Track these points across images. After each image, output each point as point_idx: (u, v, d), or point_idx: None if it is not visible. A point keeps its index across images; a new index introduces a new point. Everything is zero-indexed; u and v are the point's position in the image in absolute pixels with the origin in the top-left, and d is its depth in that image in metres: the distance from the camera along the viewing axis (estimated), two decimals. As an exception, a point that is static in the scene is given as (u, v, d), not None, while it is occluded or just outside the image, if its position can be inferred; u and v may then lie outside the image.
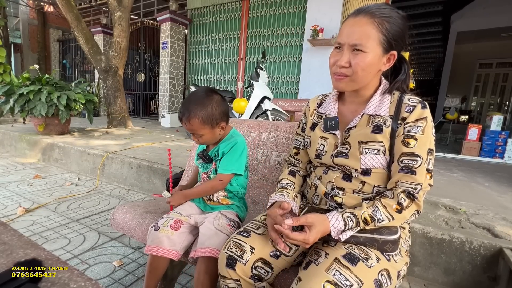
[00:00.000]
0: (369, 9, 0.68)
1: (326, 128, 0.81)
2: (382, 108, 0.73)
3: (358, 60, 0.67)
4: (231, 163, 0.96)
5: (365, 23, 0.67)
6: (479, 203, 1.69)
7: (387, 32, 0.67)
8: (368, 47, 0.66)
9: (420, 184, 0.68)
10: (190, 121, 0.91)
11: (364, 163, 0.72)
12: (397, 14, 0.68)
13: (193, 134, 0.95)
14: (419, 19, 6.62)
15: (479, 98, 8.99)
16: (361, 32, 0.67)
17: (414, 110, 0.70)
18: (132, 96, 7.50)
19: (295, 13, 4.80)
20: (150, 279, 0.90)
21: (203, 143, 0.99)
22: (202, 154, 1.02)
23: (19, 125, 4.40)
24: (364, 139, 0.73)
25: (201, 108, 0.91)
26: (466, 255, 1.26)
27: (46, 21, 8.83)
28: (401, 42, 0.70)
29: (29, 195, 2.15)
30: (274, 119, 3.28)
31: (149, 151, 2.83)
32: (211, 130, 0.94)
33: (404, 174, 0.69)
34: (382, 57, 0.69)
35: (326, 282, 0.60)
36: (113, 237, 1.58)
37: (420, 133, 0.68)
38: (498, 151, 3.95)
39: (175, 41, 5.76)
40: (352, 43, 0.67)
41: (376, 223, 0.68)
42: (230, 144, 0.97)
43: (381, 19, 0.66)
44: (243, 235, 0.77)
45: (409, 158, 0.68)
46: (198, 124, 0.91)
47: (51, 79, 3.44)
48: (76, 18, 3.99)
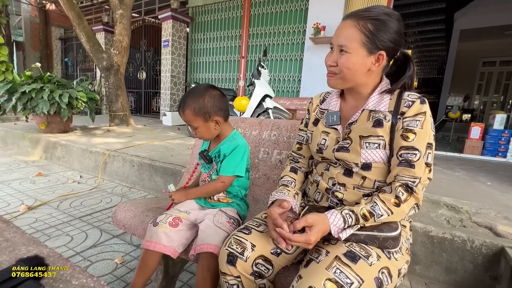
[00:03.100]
0: (357, 12, 0.73)
1: (328, 123, 0.83)
2: (382, 104, 0.75)
3: (343, 60, 0.73)
4: (232, 166, 0.96)
5: (349, 26, 0.72)
6: (481, 202, 1.68)
7: (370, 34, 0.70)
8: (352, 48, 0.71)
9: (419, 177, 0.68)
10: (184, 112, 0.94)
11: (364, 157, 0.73)
12: (386, 17, 0.70)
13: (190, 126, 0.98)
14: (422, 17, 6.57)
15: (482, 97, 8.93)
16: (346, 34, 0.72)
17: (413, 105, 0.71)
18: (134, 94, 7.50)
19: (297, 11, 4.78)
20: (140, 276, 0.89)
21: (200, 137, 0.99)
22: (202, 154, 1.03)
23: (21, 123, 4.42)
24: (365, 134, 0.74)
25: (194, 100, 0.93)
26: (468, 254, 1.25)
27: (48, 19, 8.84)
28: (390, 43, 0.71)
29: (32, 192, 2.16)
30: (276, 117, 3.27)
31: (151, 149, 2.84)
32: (204, 123, 0.95)
33: (403, 167, 0.69)
34: (367, 57, 0.72)
35: (327, 280, 0.60)
36: (115, 235, 1.58)
37: (419, 127, 0.70)
38: (500, 150, 3.93)
39: (177, 39, 5.75)
40: (338, 44, 0.73)
41: (375, 218, 0.68)
42: (232, 146, 0.98)
43: (364, 22, 0.70)
44: (244, 232, 0.78)
45: (408, 152, 0.70)
46: (191, 115, 0.93)
47: (53, 77, 3.45)
48: (77, 16, 3.99)
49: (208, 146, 1.07)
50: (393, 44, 0.72)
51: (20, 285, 0.38)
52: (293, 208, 0.81)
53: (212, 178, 1.01)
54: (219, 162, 1.00)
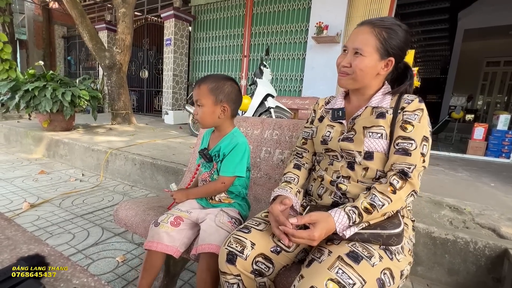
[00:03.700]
0: (372, 21, 0.80)
1: (334, 118, 0.89)
2: (384, 102, 0.83)
3: (357, 61, 0.79)
4: (232, 166, 0.95)
5: (366, 31, 0.79)
6: (484, 203, 1.67)
7: (384, 41, 0.78)
8: (366, 51, 0.78)
9: (414, 164, 0.73)
10: (200, 86, 0.95)
11: (367, 145, 0.78)
12: (397, 27, 0.79)
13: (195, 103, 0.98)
14: (425, 16, 6.52)
15: (485, 97, 8.86)
16: (362, 39, 0.79)
17: (412, 102, 0.79)
18: (136, 93, 7.52)
19: (299, 10, 4.76)
20: (145, 278, 0.89)
21: (200, 118, 0.97)
22: (202, 152, 1.02)
23: (24, 121, 4.44)
24: (368, 124, 0.81)
25: (216, 80, 0.96)
26: (471, 256, 1.24)
27: (51, 18, 8.87)
28: (399, 51, 0.80)
29: (34, 190, 2.17)
30: (278, 116, 3.27)
31: (153, 148, 2.84)
32: (212, 105, 0.95)
33: (400, 155, 0.74)
34: (379, 62, 0.79)
35: (329, 280, 0.60)
36: (116, 233, 1.59)
37: (417, 121, 0.76)
38: (504, 150, 3.89)
39: (179, 38, 5.75)
40: (354, 47, 0.80)
41: (378, 209, 0.70)
42: (231, 145, 0.96)
43: (380, 29, 0.78)
44: (244, 231, 0.78)
45: (404, 141, 0.75)
46: (206, 91, 0.94)
47: (56, 75, 3.46)
48: (80, 14, 4.00)
49: (208, 144, 1.06)
50: (401, 52, 0.80)
51: (21, 284, 0.38)
52: (294, 206, 0.83)
53: (213, 178, 1.00)
54: (219, 161, 0.99)
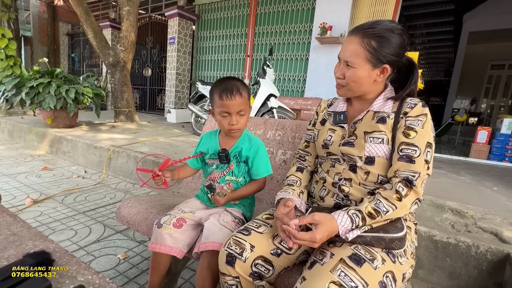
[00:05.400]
0: (362, 28, 0.76)
1: (335, 121, 0.88)
2: (386, 106, 0.81)
3: (349, 74, 0.78)
4: (265, 165, 1.00)
5: (355, 42, 0.76)
6: (486, 207, 1.66)
7: (374, 51, 0.74)
8: (357, 63, 0.76)
9: (418, 172, 0.71)
10: (241, 94, 0.90)
11: (368, 150, 0.77)
12: (389, 33, 0.74)
13: (235, 114, 0.91)
14: (430, 18, 6.49)
15: (489, 100, 8.81)
16: (351, 51, 0.76)
17: (415, 107, 0.76)
18: (139, 91, 7.54)
19: (303, 10, 4.75)
20: (154, 275, 0.91)
21: (240, 128, 0.94)
22: (223, 154, 0.97)
23: (28, 117, 4.47)
24: (369, 130, 0.79)
25: (244, 85, 0.94)
26: (472, 260, 1.24)
27: (55, 15, 8.92)
28: (392, 57, 0.76)
29: (37, 186, 2.19)
30: (280, 117, 3.27)
31: (155, 146, 2.85)
32: (248, 110, 0.96)
33: (404, 162, 0.72)
34: (372, 71, 0.77)
35: (331, 282, 0.60)
36: (118, 230, 1.60)
37: (420, 126, 0.74)
38: (508, 154, 3.87)
39: (183, 36, 5.76)
40: (344, 59, 0.78)
41: (382, 215, 0.69)
42: (255, 147, 0.98)
43: (368, 39, 0.74)
44: (243, 233, 0.79)
45: (408, 148, 0.73)
46: (246, 98, 0.93)
47: (60, 72, 3.48)
48: (85, 12, 4.01)
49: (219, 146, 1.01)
50: (396, 58, 0.77)
51: (27, 281, 0.39)
52: (297, 206, 0.83)
53: (225, 179, 0.99)
54: (241, 162, 0.98)
